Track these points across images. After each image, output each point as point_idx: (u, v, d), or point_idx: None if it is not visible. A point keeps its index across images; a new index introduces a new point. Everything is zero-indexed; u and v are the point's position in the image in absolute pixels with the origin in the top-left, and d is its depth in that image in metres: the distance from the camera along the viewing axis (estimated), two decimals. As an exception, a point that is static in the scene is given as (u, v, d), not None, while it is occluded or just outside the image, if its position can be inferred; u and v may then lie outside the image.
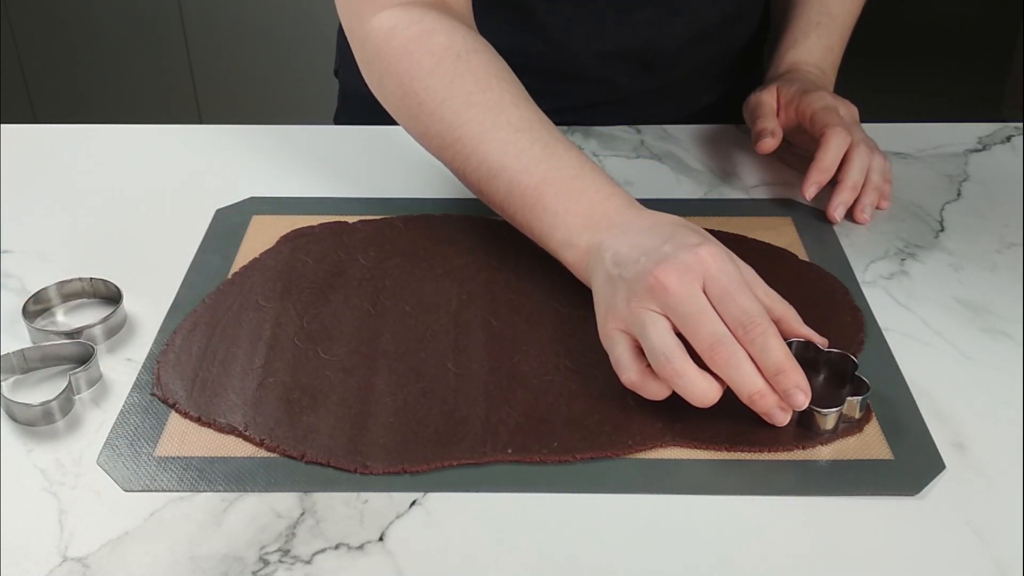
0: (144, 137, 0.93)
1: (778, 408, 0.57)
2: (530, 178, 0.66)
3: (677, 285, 0.57)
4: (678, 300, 0.57)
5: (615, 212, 0.64)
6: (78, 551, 0.53)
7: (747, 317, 0.57)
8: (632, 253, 0.60)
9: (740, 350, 0.56)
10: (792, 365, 0.56)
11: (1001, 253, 0.77)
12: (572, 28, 0.90)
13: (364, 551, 0.53)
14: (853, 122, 0.83)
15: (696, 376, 0.57)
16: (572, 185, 0.65)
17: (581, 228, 0.64)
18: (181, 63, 2.27)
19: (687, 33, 0.92)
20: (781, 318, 0.61)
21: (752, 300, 0.57)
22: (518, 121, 0.68)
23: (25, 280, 0.73)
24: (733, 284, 0.57)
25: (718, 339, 0.56)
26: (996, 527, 0.54)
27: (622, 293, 0.59)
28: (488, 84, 0.70)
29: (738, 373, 0.56)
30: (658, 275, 0.57)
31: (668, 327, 0.57)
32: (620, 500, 0.56)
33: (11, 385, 0.64)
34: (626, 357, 0.59)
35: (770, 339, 0.56)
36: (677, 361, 0.57)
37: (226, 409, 0.61)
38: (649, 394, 0.59)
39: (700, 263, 0.58)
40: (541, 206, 0.66)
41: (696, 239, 0.60)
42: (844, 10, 0.93)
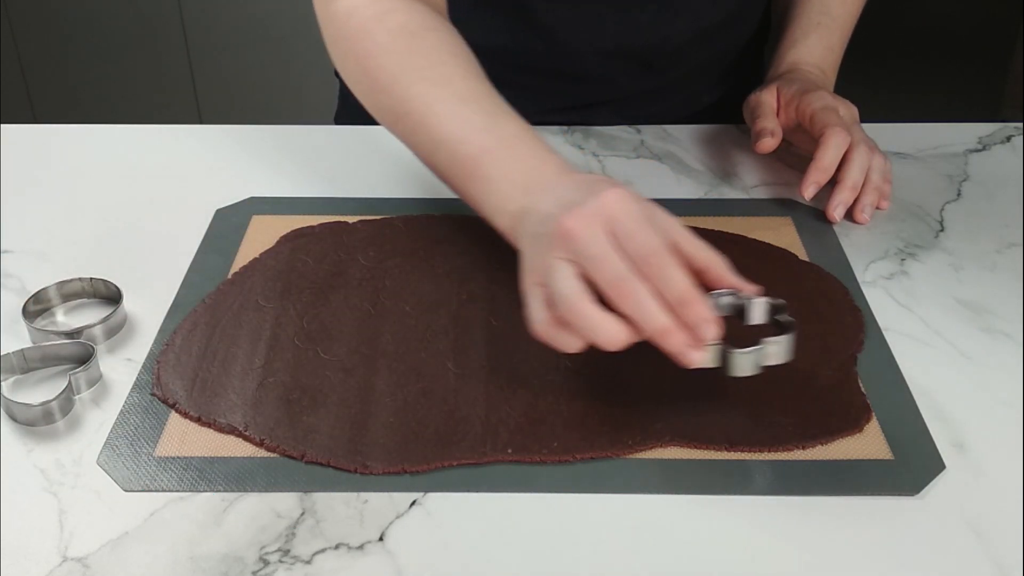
0: (144, 137, 0.93)
1: (687, 347, 0.55)
2: (469, 147, 0.66)
3: (580, 229, 0.56)
4: (582, 244, 0.56)
5: (548, 176, 0.63)
6: (78, 551, 0.53)
7: (646, 250, 0.55)
8: (551, 209, 0.59)
9: (643, 287, 0.55)
10: (697, 295, 0.55)
11: (1001, 253, 0.77)
12: (572, 28, 0.90)
13: (364, 551, 0.53)
14: (853, 122, 0.83)
15: (601, 318, 0.55)
16: (508, 152, 0.65)
17: (515, 194, 0.64)
18: (181, 63, 2.27)
19: (687, 33, 0.92)
20: (706, 267, 0.58)
21: (653, 236, 0.56)
22: (464, 92, 0.68)
23: (25, 280, 0.73)
24: (634, 222, 0.56)
25: (619, 277, 0.55)
26: (996, 527, 0.54)
27: (539, 248, 0.59)
28: (440, 60, 0.70)
29: (641, 309, 0.54)
30: (563, 222, 0.57)
31: (574, 273, 0.56)
32: (620, 500, 0.56)
33: (11, 385, 0.64)
34: (536, 307, 0.58)
35: (670, 270, 0.55)
36: (578, 303, 0.55)
37: (226, 409, 0.61)
38: (560, 344, 0.57)
39: (603, 207, 0.57)
40: (479, 174, 0.66)
41: (606, 185, 0.59)
42: (845, 10, 0.93)
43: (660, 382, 0.63)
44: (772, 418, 0.60)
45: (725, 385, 0.63)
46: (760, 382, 0.63)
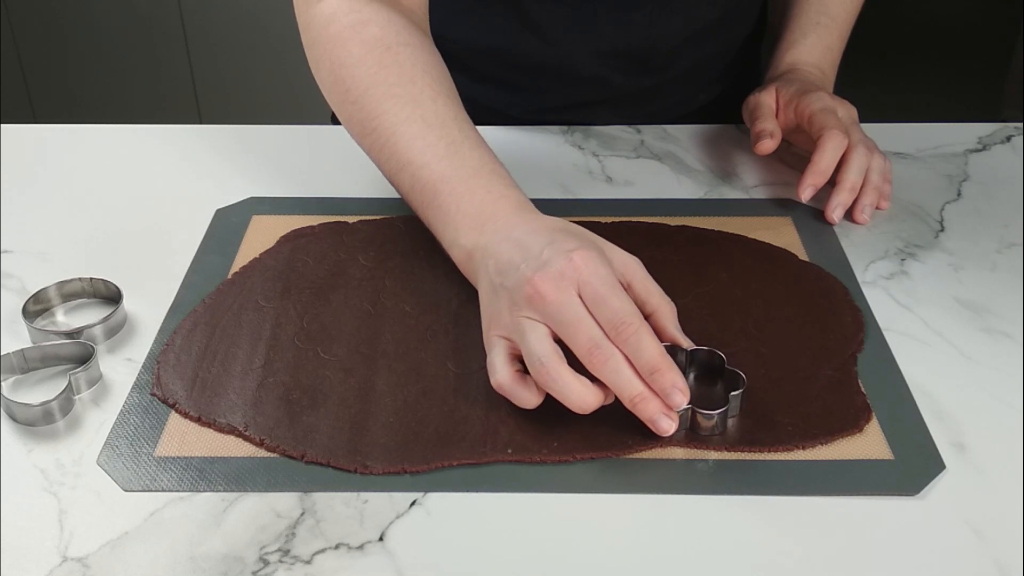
0: (144, 137, 0.93)
1: (661, 414, 0.56)
2: (430, 174, 0.67)
3: (553, 293, 0.57)
4: (555, 308, 0.57)
5: (502, 214, 0.64)
6: (78, 551, 0.53)
7: (618, 318, 0.56)
8: (513, 259, 0.60)
9: (617, 353, 0.56)
10: (667, 364, 0.56)
11: (1001, 253, 0.77)
12: (567, 27, 0.90)
13: (364, 551, 0.53)
14: (852, 123, 0.83)
15: (571, 380, 0.56)
16: (466, 184, 0.66)
17: (467, 228, 0.64)
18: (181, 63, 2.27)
19: (683, 32, 0.92)
20: (654, 313, 0.60)
21: (624, 301, 0.57)
22: (432, 116, 0.68)
23: (25, 280, 0.73)
24: (605, 287, 0.57)
25: (595, 343, 0.56)
26: (996, 527, 0.54)
27: (504, 301, 0.60)
28: (411, 77, 0.70)
29: (616, 376, 0.56)
30: (535, 284, 0.58)
31: (547, 334, 0.58)
32: (620, 500, 0.56)
33: (11, 385, 0.64)
34: (500, 360, 0.59)
35: (642, 339, 0.56)
36: (551, 365, 0.56)
37: (226, 409, 0.61)
38: (519, 400, 0.58)
39: (574, 269, 0.58)
40: (436, 203, 0.66)
41: (572, 244, 0.60)
42: (843, 10, 0.93)
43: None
44: (772, 418, 0.60)
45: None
46: (760, 382, 0.63)
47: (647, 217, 0.80)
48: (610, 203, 0.83)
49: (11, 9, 2.21)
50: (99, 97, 2.32)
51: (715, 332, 0.67)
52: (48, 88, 2.32)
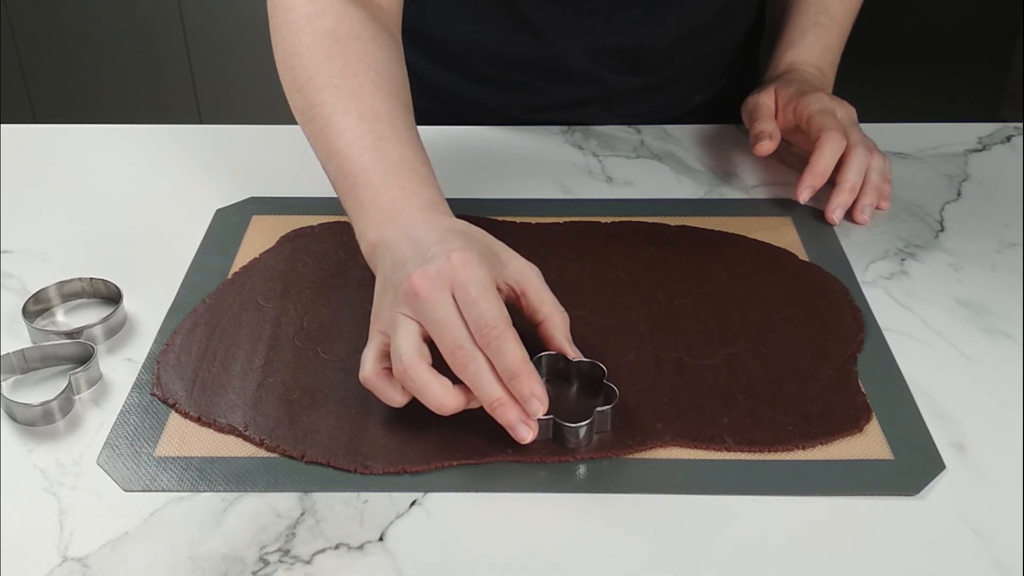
0: (144, 137, 0.93)
1: (520, 422, 0.56)
2: (352, 165, 0.67)
3: (427, 291, 0.57)
4: (427, 306, 0.57)
5: (408, 211, 0.63)
6: (78, 551, 0.53)
7: (483, 321, 0.56)
8: (404, 255, 0.60)
9: (480, 356, 0.56)
10: (527, 371, 0.55)
11: (1001, 253, 0.77)
12: (561, 26, 0.90)
13: (364, 551, 0.53)
14: (851, 123, 0.83)
15: (429, 380, 0.56)
16: (383, 179, 0.65)
17: (375, 222, 0.64)
18: (181, 63, 2.27)
19: (677, 31, 0.92)
20: (544, 321, 0.60)
21: (493, 305, 0.56)
22: (366, 110, 0.68)
23: (25, 280, 0.73)
24: (477, 289, 0.57)
25: (458, 344, 0.56)
26: (996, 527, 0.54)
27: (388, 297, 0.60)
28: (355, 71, 0.70)
29: (477, 379, 0.55)
30: (412, 281, 0.57)
31: (416, 331, 0.57)
32: (620, 500, 0.56)
33: (11, 385, 0.64)
34: (370, 356, 0.59)
35: (505, 343, 0.55)
36: (409, 363, 0.56)
37: (226, 409, 0.61)
38: (384, 397, 0.58)
39: (451, 269, 0.57)
40: (353, 195, 0.66)
41: (458, 244, 0.59)
42: (843, 9, 0.93)
43: (660, 382, 0.63)
44: (772, 418, 0.60)
45: (725, 385, 0.63)
46: (760, 382, 0.63)
47: (647, 217, 0.80)
48: (610, 203, 0.83)
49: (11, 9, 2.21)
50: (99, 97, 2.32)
51: (715, 332, 0.67)
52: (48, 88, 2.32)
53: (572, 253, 0.75)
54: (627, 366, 0.64)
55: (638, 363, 0.64)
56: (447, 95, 0.96)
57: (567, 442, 0.58)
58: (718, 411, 0.61)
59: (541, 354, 0.61)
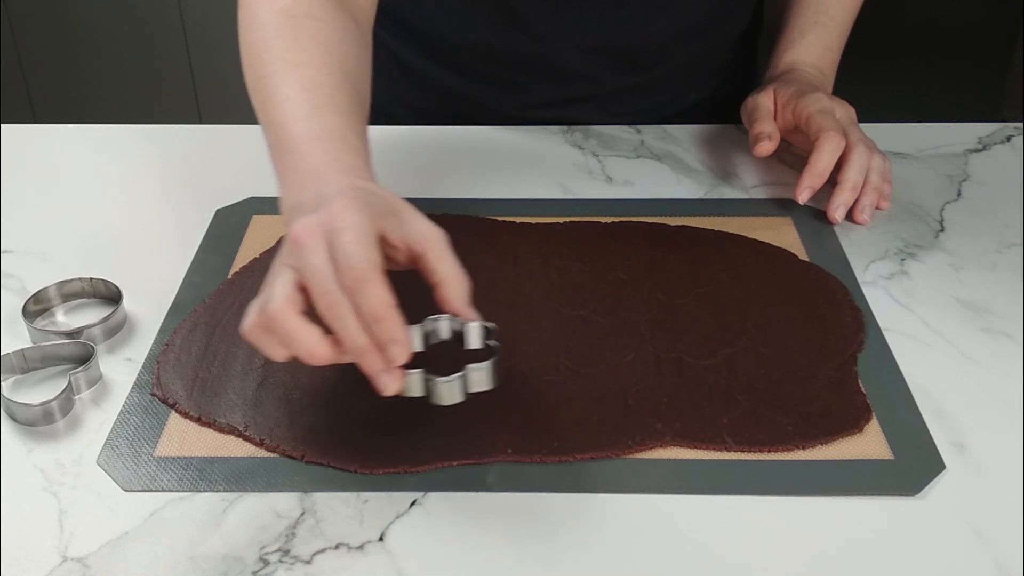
0: (144, 137, 0.93)
1: (383, 371, 0.53)
2: (284, 134, 0.66)
3: (304, 238, 0.55)
4: (303, 253, 0.55)
5: (327, 175, 0.62)
6: (78, 551, 0.53)
7: (349, 263, 0.53)
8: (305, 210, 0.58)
9: (345, 302, 0.53)
10: (390, 315, 0.53)
11: (1001, 253, 0.77)
12: (554, 24, 0.90)
13: (364, 551, 0.53)
14: (851, 123, 0.83)
15: (296, 328, 0.54)
16: (310, 146, 0.64)
17: (296, 186, 0.63)
18: (181, 63, 2.27)
19: (671, 30, 0.92)
20: (442, 283, 0.57)
21: (363, 248, 0.54)
22: (308, 81, 0.68)
23: (25, 280, 0.73)
24: (351, 234, 0.54)
25: (325, 290, 0.53)
26: (996, 527, 0.54)
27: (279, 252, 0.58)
28: (304, 46, 0.70)
29: (341, 324, 0.53)
30: (293, 229, 0.56)
31: (292, 280, 0.55)
32: (620, 500, 0.56)
33: (11, 385, 0.64)
34: (253, 309, 0.56)
35: (368, 286, 0.53)
36: (277, 310, 0.54)
37: (226, 409, 0.61)
38: (265, 351, 0.56)
39: (331, 216, 0.55)
40: (282, 161, 0.65)
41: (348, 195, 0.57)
42: (842, 8, 0.93)
43: (660, 382, 0.63)
44: (772, 418, 0.60)
45: (725, 385, 0.63)
46: (760, 382, 0.63)
47: (647, 217, 0.80)
48: (610, 203, 0.83)
49: (11, 9, 2.21)
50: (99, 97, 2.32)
51: (715, 332, 0.67)
52: (48, 88, 2.32)
53: (572, 253, 0.75)
54: (627, 366, 0.64)
55: (638, 363, 0.64)
56: (442, 92, 0.96)
57: (438, 397, 0.55)
58: (718, 411, 0.61)
59: (434, 316, 0.58)
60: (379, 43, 0.96)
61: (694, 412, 0.61)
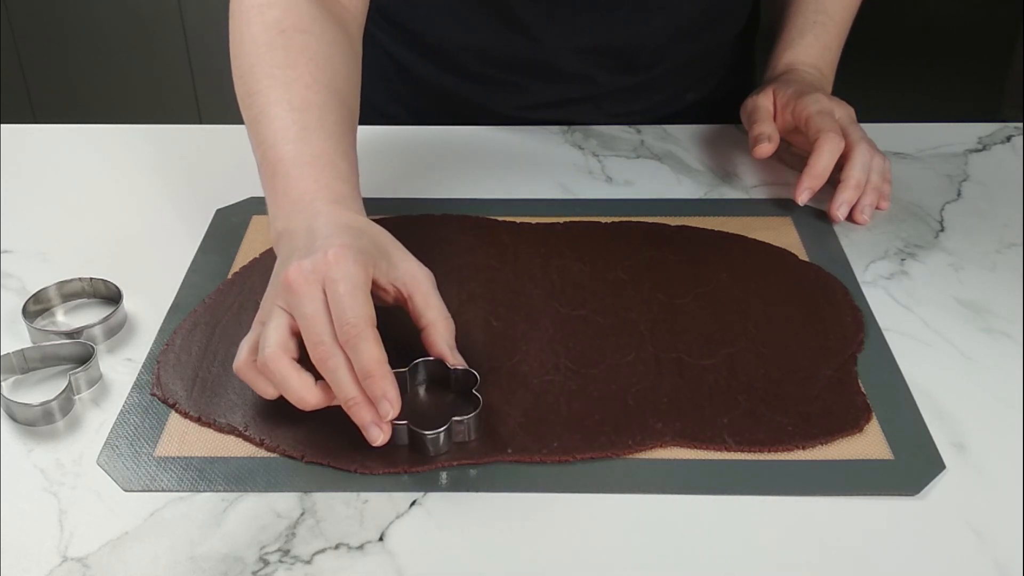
0: (144, 137, 0.93)
1: (373, 424, 0.55)
2: (274, 155, 0.67)
3: (299, 284, 0.57)
4: (297, 300, 0.57)
5: (317, 204, 0.63)
6: (78, 551, 0.53)
7: (345, 319, 0.56)
8: (295, 248, 0.60)
9: (340, 354, 0.56)
10: (382, 372, 0.55)
11: (1001, 253, 0.77)
12: (550, 25, 0.90)
13: (364, 551, 0.53)
14: (851, 122, 0.83)
15: (290, 374, 0.56)
16: (299, 171, 0.65)
17: (285, 211, 0.64)
18: (181, 63, 2.27)
19: (666, 30, 0.92)
20: (428, 327, 0.60)
21: (358, 303, 0.56)
22: (298, 101, 0.68)
23: (25, 280, 0.73)
24: (346, 286, 0.56)
25: (320, 340, 0.56)
26: (996, 527, 0.54)
27: (273, 286, 0.60)
28: (294, 62, 0.70)
29: (334, 376, 0.56)
30: (288, 273, 0.57)
31: (286, 324, 0.57)
32: (620, 500, 0.56)
33: (11, 385, 0.64)
34: (245, 347, 0.59)
35: (363, 342, 0.55)
36: (271, 356, 0.56)
37: (226, 409, 0.61)
38: (255, 389, 0.58)
39: (325, 264, 0.57)
40: (272, 184, 0.67)
41: (341, 240, 0.59)
42: (841, 7, 0.93)
43: (660, 382, 0.63)
44: (772, 418, 0.60)
45: (725, 385, 0.63)
46: (760, 382, 0.63)
47: (647, 217, 0.80)
48: (610, 203, 0.83)
49: (11, 9, 2.21)
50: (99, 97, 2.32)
51: (715, 332, 0.67)
52: (48, 88, 2.32)
53: (572, 253, 0.75)
54: (627, 366, 0.64)
55: (638, 363, 0.64)
56: (438, 92, 0.96)
57: (424, 450, 0.58)
58: (718, 411, 0.61)
59: (421, 359, 0.61)
60: (376, 44, 0.96)
61: (694, 412, 0.61)
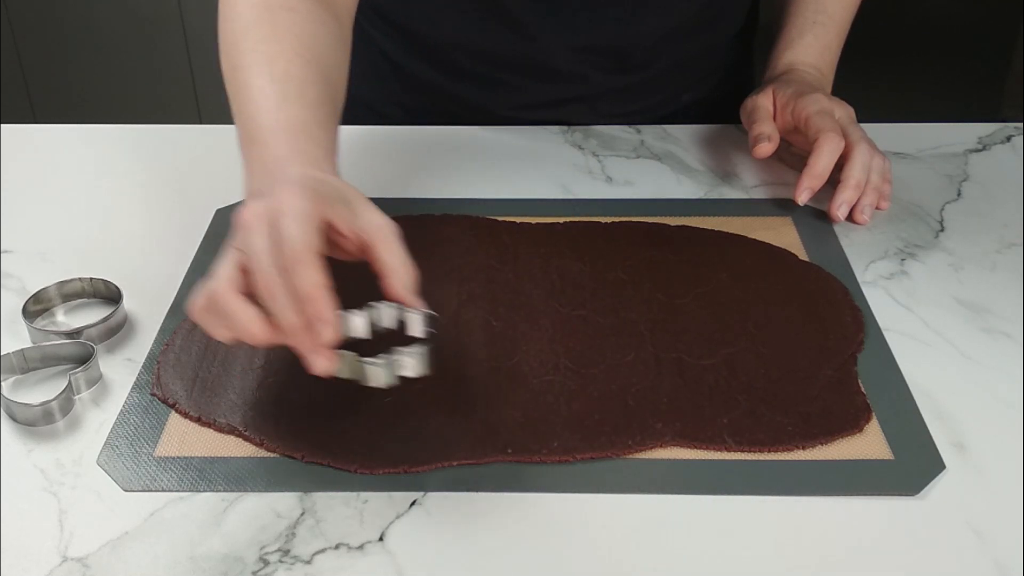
0: (144, 137, 0.93)
1: (313, 351, 0.54)
2: (253, 125, 0.67)
3: (249, 221, 0.56)
4: (246, 235, 0.56)
5: (290, 166, 0.62)
6: (78, 551, 0.53)
7: (286, 245, 0.54)
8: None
9: (281, 283, 0.54)
10: (320, 295, 0.53)
11: (1001, 253, 0.77)
12: (544, 23, 0.89)
13: (364, 551, 0.53)
14: (850, 122, 0.83)
15: (236, 309, 0.55)
16: (276, 138, 0.65)
17: (259, 175, 0.64)
18: (181, 63, 2.27)
19: (660, 30, 0.92)
20: (389, 275, 0.57)
21: (301, 231, 0.54)
22: (280, 74, 0.68)
23: (25, 280, 0.73)
24: (292, 217, 0.55)
25: (264, 271, 0.54)
26: (996, 527, 0.54)
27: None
28: (278, 37, 0.70)
29: (275, 303, 0.54)
30: (241, 212, 0.57)
31: (236, 262, 0.56)
32: (620, 500, 0.56)
33: (11, 385, 0.64)
34: (200, 289, 0.58)
35: (302, 266, 0.53)
36: (217, 289, 0.55)
37: (226, 409, 0.61)
38: (209, 330, 0.57)
39: (277, 201, 0.56)
40: (249, 152, 0.66)
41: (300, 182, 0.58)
42: (841, 7, 0.93)
43: (660, 382, 0.63)
44: (772, 418, 0.60)
45: (725, 385, 0.63)
46: (760, 382, 0.63)
47: (647, 217, 0.80)
48: (610, 203, 0.83)
49: (11, 9, 2.21)
50: (99, 97, 2.32)
51: (715, 332, 0.67)
52: (48, 88, 2.32)
53: (572, 253, 0.75)
54: (627, 366, 0.64)
55: (638, 363, 0.64)
56: (432, 91, 0.96)
57: (368, 379, 0.56)
58: (718, 411, 0.61)
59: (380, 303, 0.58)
60: (370, 42, 0.96)
61: (694, 412, 0.61)
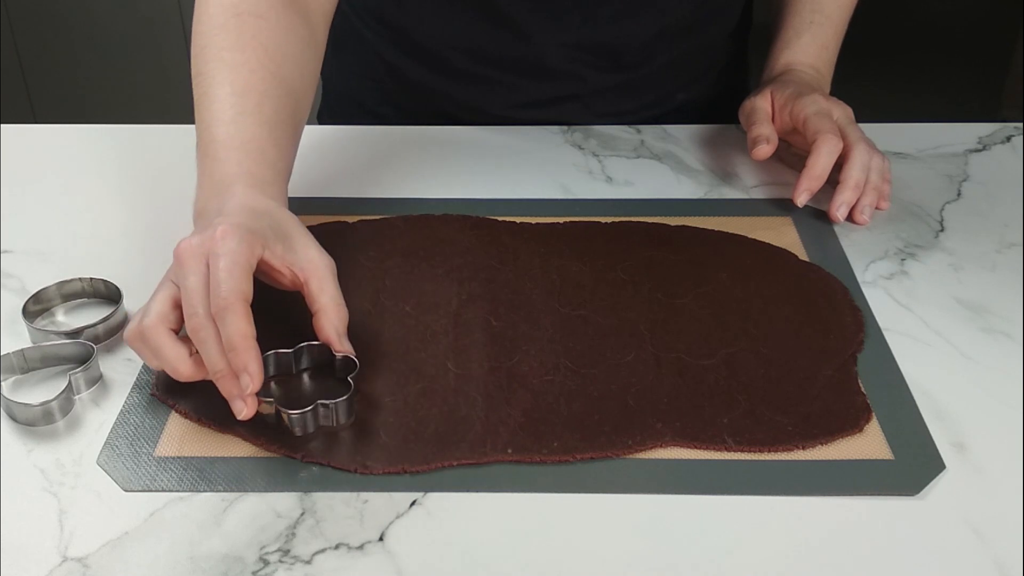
0: (144, 137, 0.93)
1: (237, 397, 0.57)
2: (208, 137, 0.68)
3: (184, 258, 0.58)
4: (182, 272, 0.58)
5: (236, 187, 0.64)
6: (78, 551, 0.53)
7: (218, 292, 0.56)
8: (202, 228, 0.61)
9: (211, 327, 0.57)
10: (246, 346, 0.56)
11: (1001, 253, 0.77)
12: (537, 22, 0.89)
13: (364, 551, 0.53)
14: (849, 123, 0.83)
15: (163, 345, 0.58)
16: (227, 154, 0.66)
17: (207, 192, 0.65)
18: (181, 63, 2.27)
19: (653, 29, 0.92)
20: (319, 312, 0.61)
21: (233, 278, 0.57)
22: (240, 85, 0.69)
23: (25, 280, 0.73)
24: (225, 261, 0.57)
25: (194, 311, 0.57)
26: (996, 527, 0.54)
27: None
28: (243, 46, 0.71)
29: (203, 347, 0.57)
30: (179, 248, 0.59)
31: (171, 296, 0.59)
32: (620, 500, 0.56)
33: (11, 385, 0.64)
34: (136, 317, 0.60)
35: (231, 315, 0.56)
36: (148, 325, 0.58)
37: (226, 409, 0.61)
38: (142, 357, 0.60)
39: (212, 240, 0.58)
40: (201, 164, 0.67)
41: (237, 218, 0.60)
42: (838, 7, 0.93)
43: (660, 382, 0.63)
44: (772, 418, 0.60)
45: (725, 385, 0.63)
46: (760, 382, 0.63)
47: (647, 217, 0.80)
48: (610, 203, 0.83)
49: (11, 9, 2.21)
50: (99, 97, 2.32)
51: (715, 332, 0.67)
52: (48, 88, 2.32)
53: (572, 253, 0.75)
54: (627, 366, 0.64)
55: (638, 363, 0.64)
56: (426, 91, 0.96)
57: (291, 428, 0.58)
58: (718, 411, 0.61)
59: (307, 343, 0.62)
60: (364, 42, 0.97)
61: (694, 412, 0.61)
